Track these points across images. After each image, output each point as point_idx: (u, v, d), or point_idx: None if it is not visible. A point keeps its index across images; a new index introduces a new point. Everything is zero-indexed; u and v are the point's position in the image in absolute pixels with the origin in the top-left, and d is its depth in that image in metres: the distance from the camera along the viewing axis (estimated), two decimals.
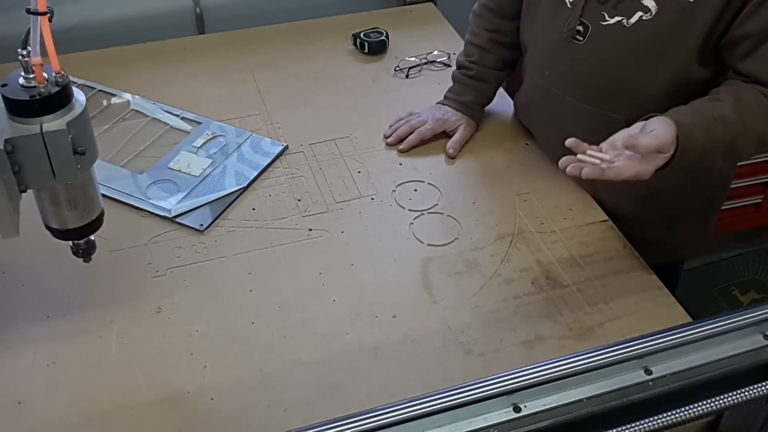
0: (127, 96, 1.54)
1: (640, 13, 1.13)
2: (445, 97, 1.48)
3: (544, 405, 0.68)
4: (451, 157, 1.40)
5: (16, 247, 1.07)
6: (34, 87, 0.83)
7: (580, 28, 1.20)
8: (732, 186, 1.47)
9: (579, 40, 1.20)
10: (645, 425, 0.67)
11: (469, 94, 1.45)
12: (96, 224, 0.97)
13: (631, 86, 1.19)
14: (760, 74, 1.10)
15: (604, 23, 1.17)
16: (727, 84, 1.13)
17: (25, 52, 0.82)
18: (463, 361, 1.06)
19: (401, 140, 1.42)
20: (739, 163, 1.41)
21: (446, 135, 1.44)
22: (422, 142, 1.42)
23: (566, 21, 1.21)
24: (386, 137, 1.44)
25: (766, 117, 1.11)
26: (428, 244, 1.23)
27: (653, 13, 1.12)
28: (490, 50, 1.43)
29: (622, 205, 1.31)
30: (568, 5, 1.21)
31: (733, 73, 1.14)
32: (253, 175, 1.35)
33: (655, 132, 1.04)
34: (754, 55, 1.09)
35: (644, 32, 1.14)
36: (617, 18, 1.16)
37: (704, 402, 0.68)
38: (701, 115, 1.09)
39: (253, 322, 1.11)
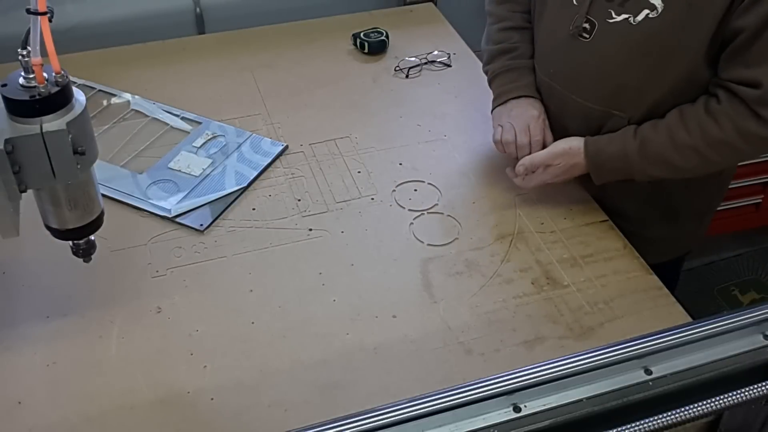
0: (127, 96, 1.54)
1: (646, 11, 1.13)
2: (499, 95, 1.34)
3: (544, 405, 0.68)
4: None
5: (16, 247, 1.07)
6: (34, 87, 0.83)
7: (586, 25, 1.19)
8: (732, 186, 1.47)
9: (585, 38, 1.20)
10: (645, 425, 0.67)
11: (526, 76, 1.32)
12: (96, 224, 0.97)
13: (637, 85, 1.18)
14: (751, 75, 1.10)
15: (611, 21, 1.16)
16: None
17: (25, 52, 0.82)
18: (463, 361, 1.06)
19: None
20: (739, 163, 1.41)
21: None
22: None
23: (572, 18, 1.20)
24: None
25: (700, 131, 1.13)
26: (428, 244, 1.23)
27: (660, 11, 1.11)
28: (528, 28, 1.35)
29: (623, 202, 1.31)
30: (575, 2, 1.20)
31: (719, 70, 1.14)
32: (253, 175, 1.35)
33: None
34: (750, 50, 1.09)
35: (651, 30, 1.13)
36: (624, 15, 1.15)
37: (704, 402, 0.68)
38: (623, 131, 1.20)
39: (253, 322, 1.11)
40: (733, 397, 0.69)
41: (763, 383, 0.70)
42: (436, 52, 1.67)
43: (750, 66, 1.09)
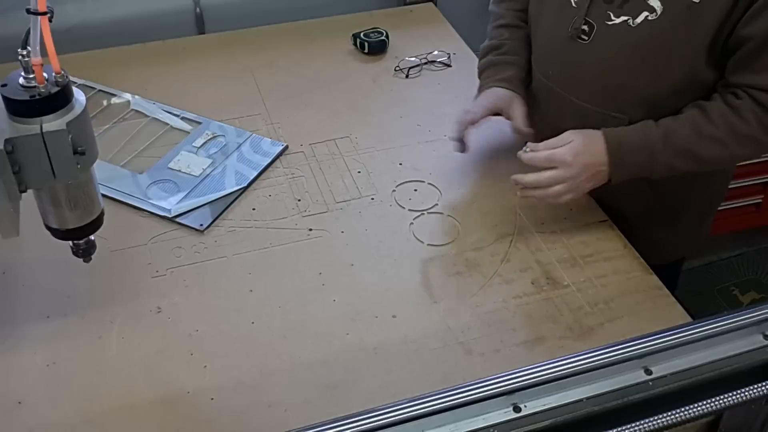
0: (127, 96, 1.54)
1: (645, 13, 1.13)
2: (480, 86, 1.37)
3: (544, 405, 0.68)
4: (524, 133, 1.30)
5: (16, 247, 1.07)
6: (34, 87, 0.83)
7: (585, 27, 1.19)
8: (732, 186, 1.47)
9: (584, 40, 1.20)
10: (645, 425, 0.67)
11: (508, 70, 1.34)
12: (96, 224, 0.97)
13: (636, 87, 1.18)
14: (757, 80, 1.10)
15: (610, 23, 1.16)
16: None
17: (25, 52, 0.82)
18: (463, 361, 1.06)
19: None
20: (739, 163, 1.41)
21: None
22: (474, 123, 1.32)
23: (571, 20, 1.20)
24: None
25: (725, 123, 1.12)
26: (428, 244, 1.23)
27: (658, 13, 1.11)
28: (521, 26, 1.37)
29: (623, 203, 1.31)
30: (573, 4, 1.20)
31: (728, 74, 1.13)
32: (253, 175, 1.35)
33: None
34: (760, 59, 1.09)
35: (650, 32, 1.13)
36: (623, 18, 1.15)
37: (704, 402, 0.68)
38: (643, 123, 1.17)
39: (253, 322, 1.11)
40: (733, 397, 0.69)
41: (763, 383, 0.70)
42: (436, 52, 1.67)
43: (761, 73, 1.09)
